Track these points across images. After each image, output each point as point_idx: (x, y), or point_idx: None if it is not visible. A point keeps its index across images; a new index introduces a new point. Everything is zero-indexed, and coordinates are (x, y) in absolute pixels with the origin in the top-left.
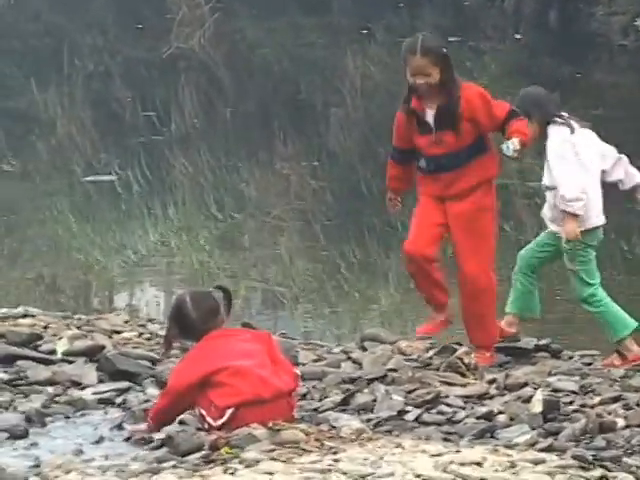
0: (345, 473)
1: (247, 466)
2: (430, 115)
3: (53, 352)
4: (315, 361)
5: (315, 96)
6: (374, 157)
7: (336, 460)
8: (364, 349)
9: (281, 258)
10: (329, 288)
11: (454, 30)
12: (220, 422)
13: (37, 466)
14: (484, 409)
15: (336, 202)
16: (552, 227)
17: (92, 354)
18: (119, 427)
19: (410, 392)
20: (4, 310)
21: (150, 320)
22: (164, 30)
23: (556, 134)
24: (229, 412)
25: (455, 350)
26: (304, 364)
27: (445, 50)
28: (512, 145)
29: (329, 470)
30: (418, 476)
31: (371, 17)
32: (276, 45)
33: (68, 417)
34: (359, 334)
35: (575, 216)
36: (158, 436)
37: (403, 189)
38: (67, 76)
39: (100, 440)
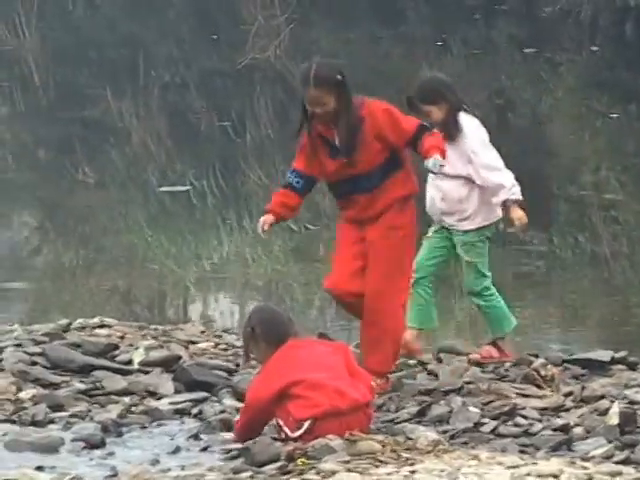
0: None
1: (323, 477)
2: (336, 138)
3: (129, 362)
4: (391, 372)
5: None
6: None
7: (412, 471)
8: (440, 361)
9: None
10: (404, 299)
11: (530, 41)
12: (298, 433)
13: (114, 476)
14: (560, 421)
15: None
16: (447, 220)
17: (168, 364)
18: (195, 437)
19: (486, 404)
20: (81, 320)
21: (226, 330)
22: (239, 41)
23: (469, 121)
24: (307, 424)
25: (531, 362)
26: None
27: (339, 76)
28: (438, 161)
29: None
30: None
31: (447, 28)
32: (351, 56)
33: (144, 427)
34: (435, 345)
35: (517, 202)
36: (234, 446)
37: (287, 218)
38: (143, 86)
39: (176, 450)
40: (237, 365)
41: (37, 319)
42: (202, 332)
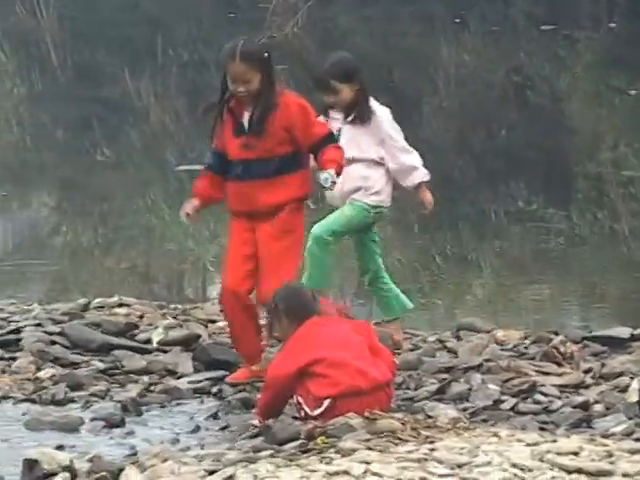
0: (442, 462)
1: (343, 455)
2: (246, 117)
3: (149, 341)
4: (411, 350)
5: (408, 85)
6: (468, 146)
7: (432, 449)
8: (459, 338)
9: None
10: (424, 277)
11: (547, 18)
12: (318, 412)
13: (133, 454)
14: (580, 398)
15: (429, 191)
16: (354, 196)
17: (188, 343)
18: (215, 416)
19: (506, 381)
20: (100, 299)
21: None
22: (257, 19)
23: (379, 106)
24: (327, 402)
25: (551, 339)
26: (400, 353)
27: (266, 54)
28: (330, 177)
29: (425, 459)
30: (514, 465)
31: (465, 6)
32: (369, 34)
33: (164, 406)
34: (454, 323)
35: (427, 184)
36: (254, 425)
37: (215, 199)
38: (161, 65)
39: (196, 429)
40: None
41: (56, 298)
42: (221, 311)
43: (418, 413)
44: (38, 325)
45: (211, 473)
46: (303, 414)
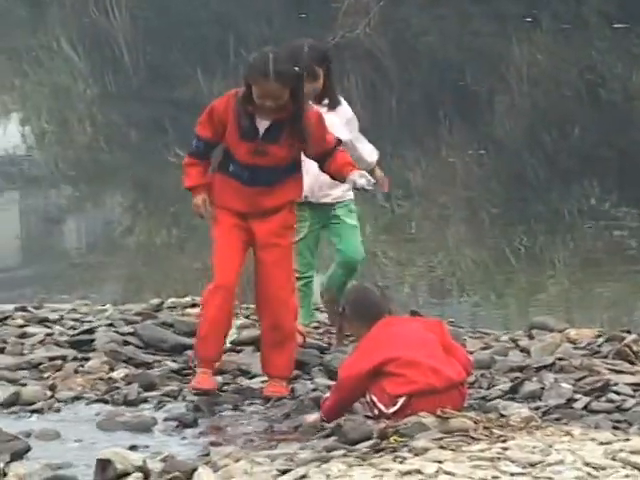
0: (514, 461)
1: (416, 454)
2: (263, 123)
3: None
4: (483, 349)
5: (481, 84)
6: (540, 145)
7: (505, 448)
8: (532, 337)
9: (448, 246)
10: (496, 276)
11: (620, 17)
12: (392, 410)
13: (206, 455)
14: None
15: (502, 190)
16: (334, 193)
17: None
18: (287, 416)
19: (579, 380)
20: (172, 300)
21: (317, 309)
22: (329, 19)
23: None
24: (401, 400)
25: (624, 338)
26: (472, 352)
27: (297, 69)
28: (367, 180)
29: (498, 458)
30: (587, 464)
31: (537, 4)
32: (442, 33)
33: (237, 406)
34: (527, 322)
35: None
36: (327, 425)
37: (209, 186)
38: (233, 65)
39: (268, 429)
40: (329, 343)
41: (129, 299)
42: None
43: (491, 412)
44: (111, 325)
45: (284, 473)
46: (377, 412)
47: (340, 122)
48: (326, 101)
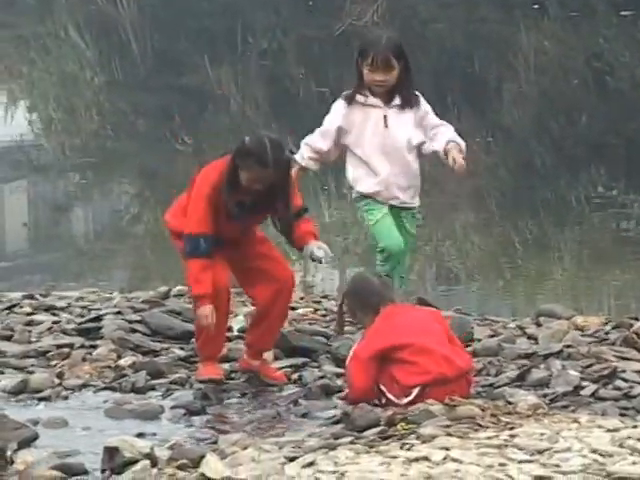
0: (522, 448)
1: (423, 442)
2: (244, 205)
3: (229, 329)
4: (490, 336)
5: (488, 72)
6: (547, 132)
7: (512, 435)
8: (539, 324)
9: (455, 233)
10: (503, 263)
11: (627, 3)
12: (406, 400)
13: (214, 442)
14: None
15: (510, 177)
16: (402, 197)
17: None
18: (295, 403)
19: (586, 367)
20: (180, 287)
21: (325, 296)
22: (336, 7)
23: None
24: (416, 391)
25: (631, 325)
26: (479, 340)
27: (292, 153)
28: (327, 251)
29: (505, 445)
30: (595, 451)
31: None
32: (449, 20)
33: (244, 394)
34: (534, 309)
35: None
36: (334, 412)
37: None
38: (241, 53)
39: (276, 416)
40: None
41: (136, 286)
42: (301, 298)
43: (498, 399)
44: (118, 313)
45: (291, 460)
46: (384, 401)
47: (413, 124)
48: (397, 101)
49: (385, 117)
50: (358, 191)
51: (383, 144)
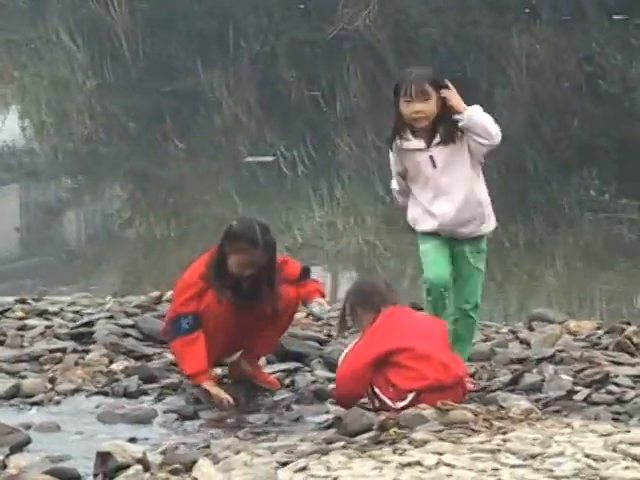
0: (514, 453)
1: (416, 446)
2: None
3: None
4: (483, 341)
5: (480, 75)
6: (539, 136)
7: (505, 440)
8: (532, 329)
9: None
10: (496, 268)
11: (619, 8)
12: (401, 405)
13: (207, 447)
14: None
15: (501, 181)
16: (465, 231)
17: None
18: (288, 408)
19: (579, 372)
20: (172, 292)
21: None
22: (328, 10)
23: None
24: (411, 396)
25: (624, 329)
26: (472, 344)
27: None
28: (323, 307)
29: (498, 450)
30: (587, 456)
31: None
32: (441, 25)
33: (237, 398)
34: (527, 314)
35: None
36: (326, 417)
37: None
38: (232, 57)
39: (269, 421)
40: (328, 336)
41: (129, 291)
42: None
43: (491, 404)
44: (111, 318)
45: (284, 464)
46: (378, 404)
47: (460, 152)
48: (438, 139)
49: (431, 157)
50: (418, 230)
51: (435, 186)
